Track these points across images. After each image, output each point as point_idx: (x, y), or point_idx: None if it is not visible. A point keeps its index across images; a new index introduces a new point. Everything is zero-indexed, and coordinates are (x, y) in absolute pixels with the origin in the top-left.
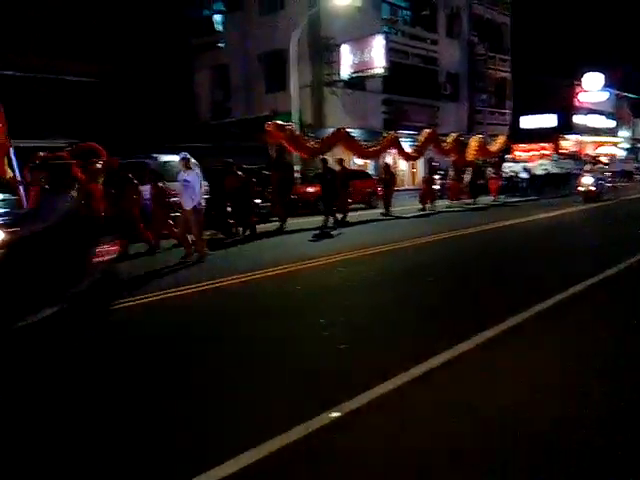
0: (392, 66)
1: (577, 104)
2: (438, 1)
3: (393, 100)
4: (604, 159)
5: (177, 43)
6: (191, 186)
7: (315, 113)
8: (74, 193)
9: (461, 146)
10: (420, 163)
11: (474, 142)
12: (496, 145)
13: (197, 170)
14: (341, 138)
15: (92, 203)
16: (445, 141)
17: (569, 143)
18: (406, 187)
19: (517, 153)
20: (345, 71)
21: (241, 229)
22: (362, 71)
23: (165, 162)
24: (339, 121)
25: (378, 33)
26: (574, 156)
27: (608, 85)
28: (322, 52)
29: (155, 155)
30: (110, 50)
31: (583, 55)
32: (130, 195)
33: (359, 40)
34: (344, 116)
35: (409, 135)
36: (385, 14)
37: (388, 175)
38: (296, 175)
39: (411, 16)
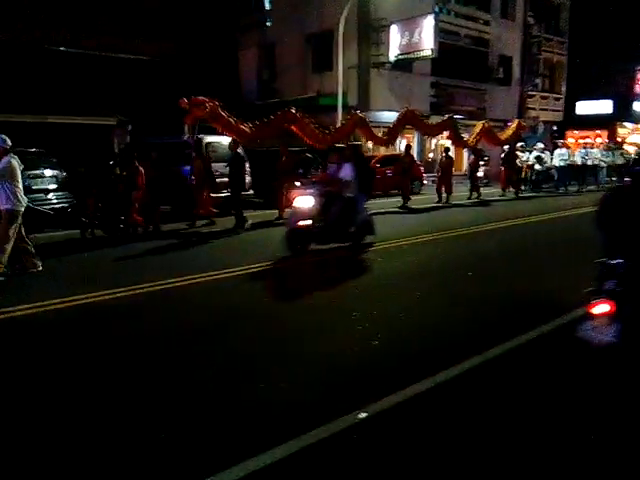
0: (441, 48)
1: (638, 90)
2: None
3: (441, 83)
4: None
5: (226, 21)
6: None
7: (360, 95)
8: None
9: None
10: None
11: (477, 128)
12: (507, 132)
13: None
14: (356, 123)
15: None
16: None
17: (626, 131)
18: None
19: (570, 140)
20: (393, 52)
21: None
22: (410, 53)
23: (209, 142)
24: (385, 103)
25: (428, 13)
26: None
27: None
28: (370, 33)
29: (200, 135)
30: (168, 29)
31: None
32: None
33: (408, 20)
34: (390, 98)
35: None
36: None
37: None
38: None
39: None
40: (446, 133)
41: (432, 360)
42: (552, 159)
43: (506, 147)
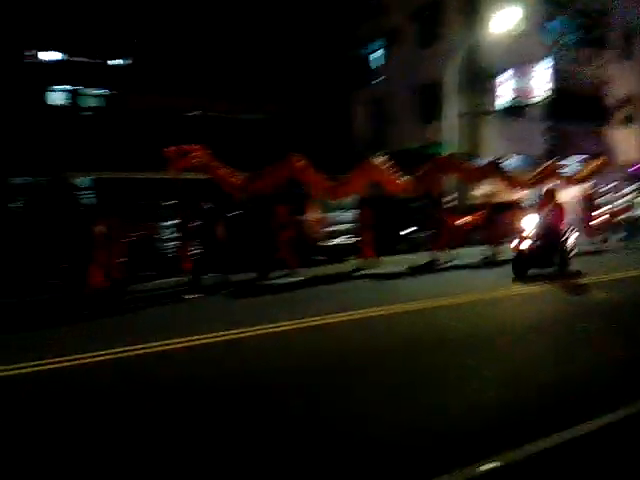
0: (556, 92)
1: None
2: (612, 19)
3: (556, 127)
4: None
5: (338, 81)
6: None
7: (470, 142)
8: None
9: None
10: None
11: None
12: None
13: None
14: (445, 165)
15: None
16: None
17: None
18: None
19: None
20: (503, 99)
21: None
22: (522, 98)
23: None
24: (495, 150)
25: (541, 58)
26: None
27: None
28: (479, 80)
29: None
30: (280, 90)
31: None
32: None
33: (520, 66)
34: (501, 144)
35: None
36: (550, 38)
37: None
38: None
39: (579, 37)
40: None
41: None
42: None
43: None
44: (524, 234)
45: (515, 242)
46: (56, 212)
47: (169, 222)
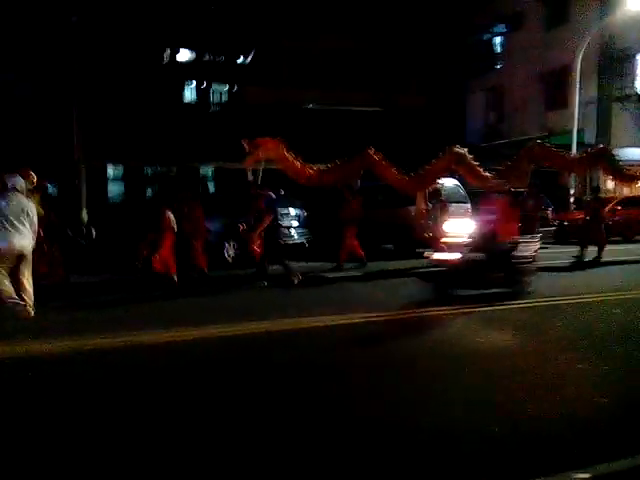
0: None
1: None
2: None
3: None
4: None
5: (456, 69)
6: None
7: (600, 131)
8: None
9: None
10: None
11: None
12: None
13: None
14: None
15: None
16: None
17: None
18: None
19: None
20: None
21: None
22: None
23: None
24: (630, 140)
25: None
26: None
27: None
28: (612, 64)
29: None
30: (394, 80)
31: None
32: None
33: None
34: (637, 134)
35: None
36: None
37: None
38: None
39: None
40: None
41: None
42: None
43: None
44: (453, 241)
45: (438, 252)
46: (181, 198)
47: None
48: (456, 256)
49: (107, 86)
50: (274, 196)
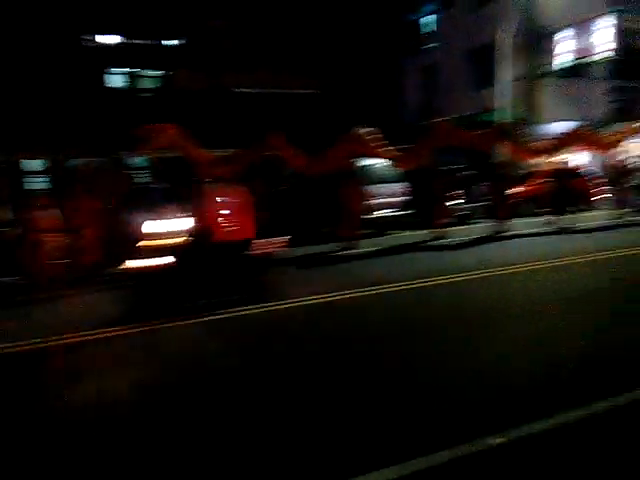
0: (623, 49)
1: None
2: None
3: (624, 87)
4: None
5: (388, 49)
6: None
7: (529, 107)
8: None
9: None
10: None
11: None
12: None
13: None
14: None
15: None
16: None
17: None
18: None
19: None
20: (563, 59)
21: None
22: (585, 57)
23: (364, 166)
24: (557, 114)
25: (607, 12)
26: None
27: None
28: (535, 41)
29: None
30: (327, 61)
31: None
32: None
33: (581, 23)
34: (563, 108)
35: None
36: None
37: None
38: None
39: None
40: None
41: None
42: None
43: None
44: (148, 244)
45: (136, 260)
46: None
47: None
48: (162, 261)
49: (16, 74)
50: None
